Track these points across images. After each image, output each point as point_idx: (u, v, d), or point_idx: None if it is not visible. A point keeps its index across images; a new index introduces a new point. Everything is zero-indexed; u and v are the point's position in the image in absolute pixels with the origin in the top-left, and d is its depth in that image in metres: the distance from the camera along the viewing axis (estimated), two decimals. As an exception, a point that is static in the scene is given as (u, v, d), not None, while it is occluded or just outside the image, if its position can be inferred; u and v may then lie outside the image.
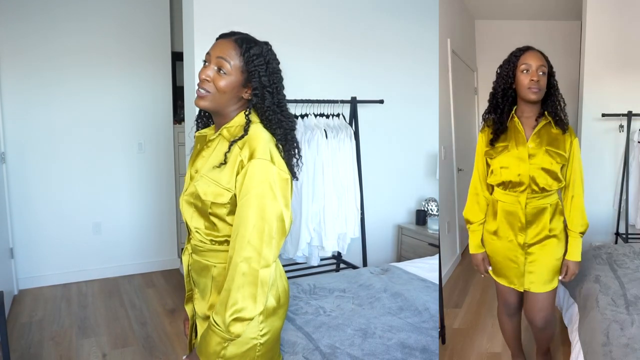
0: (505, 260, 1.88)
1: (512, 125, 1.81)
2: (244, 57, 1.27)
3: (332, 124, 3.16)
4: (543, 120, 1.78)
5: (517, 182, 1.77)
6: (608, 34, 3.49)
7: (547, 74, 1.74)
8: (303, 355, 1.69)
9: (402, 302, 2.18)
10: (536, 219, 1.80)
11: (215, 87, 1.27)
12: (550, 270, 1.83)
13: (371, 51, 3.52)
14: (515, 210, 1.80)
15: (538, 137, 1.77)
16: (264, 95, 1.29)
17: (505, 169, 1.78)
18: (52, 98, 3.79)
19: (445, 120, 3.66)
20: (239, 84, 1.29)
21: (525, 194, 1.77)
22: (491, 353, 2.50)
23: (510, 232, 1.83)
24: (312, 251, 3.14)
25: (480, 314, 2.96)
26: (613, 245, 2.74)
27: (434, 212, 3.78)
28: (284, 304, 1.43)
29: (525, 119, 1.81)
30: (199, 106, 1.30)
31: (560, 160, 1.76)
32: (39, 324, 3.18)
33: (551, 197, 1.81)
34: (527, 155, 1.75)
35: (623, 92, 3.50)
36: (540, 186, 1.76)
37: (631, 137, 3.49)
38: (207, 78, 1.27)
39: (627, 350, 1.60)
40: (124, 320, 3.27)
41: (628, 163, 3.50)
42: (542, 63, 1.73)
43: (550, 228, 1.81)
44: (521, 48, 1.79)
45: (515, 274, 1.86)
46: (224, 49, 1.28)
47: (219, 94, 1.28)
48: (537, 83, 1.71)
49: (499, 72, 1.83)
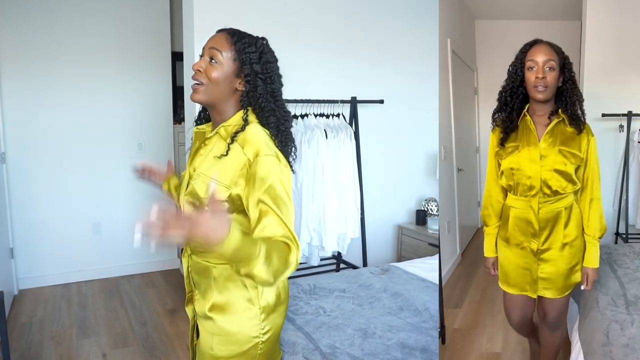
0: (517, 269, 1.78)
1: (523, 124, 1.71)
2: (235, 46, 1.29)
3: (332, 124, 3.16)
4: (556, 118, 1.67)
5: (528, 186, 1.67)
6: (608, 34, 3.49)
7: (557, 68, 1.62)
8: (303, 355, 1.69)
9: (402, 302, 2.18)
10: (550, 224, 1.69)
11: (207, 77, 1.28)
12: (566, 277, 1.74)
13: (371, 51, 3.52)
14: (528, 216, 1.70)
15: (551, 136, 1.66)
16: (256, 82, 1.29)
17: (515, 171, 1.68)
18: (52, 98, 3.79)
19: (445, 120, 3.66)
20: (231, 73, 1.29)
21: (537, 198, 1.67)
22: (491, 353, 2.49)
23: (523, 239, 1.74)
24: (312, 251, 3.14)
25: (480, 314, 2.96)
26: (613, 245, 2.73)
27: (434, 212, 3.78)
28: (284, 300, 1.43)
29: (538, 117, 1.70)
30: (193, 100, 1.31)
31: (575, 160, 1.65)
32: (39, 324, 3.18)
33: (565, 200, 1.70)
34: (539, 156, 1.65)
35: (623, 92, 3.50)
36: (553, 189, 1.65)
37: (631, 137, 3.49)
38: (200, 68, 1.29)
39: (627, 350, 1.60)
40: (124, 320, 3.27)
41: (628, 163, 3.50)
42: (550, 57, 1.61)
43: (565, 234, 1.70)
44: (529, 42, 1.68)
45: (528, 281, 1.77)
46: (216, 40, 1.30)
47: (212, 85, 1.28)
48: (543, 80, 1.60)
49: (509, 68, 1.73)
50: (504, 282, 1.85)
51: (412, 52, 3.70)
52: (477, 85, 5.16)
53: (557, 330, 1.89)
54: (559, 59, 1.63)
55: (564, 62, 1.65)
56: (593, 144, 1.69)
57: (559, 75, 1.64)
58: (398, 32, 3.62)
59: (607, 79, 3.51)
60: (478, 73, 5.19)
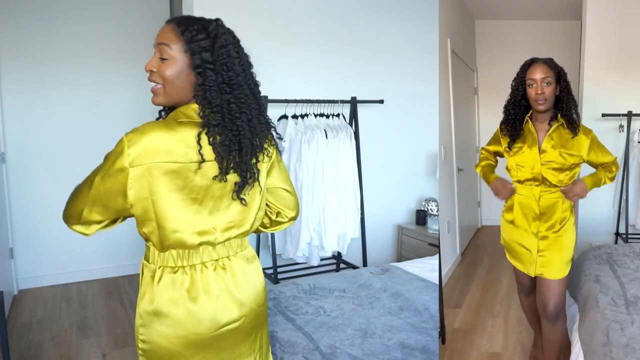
0: (520, 248, 2.00)
1: (527, 129, 1.94)
2: (183, 36, 1.16)
3: (332, 124, 3.16)
4: (555, 123, 1.89)
5: (532, 179, 1.92)
6: (608, 34, 3.49)
7: (553, 82, 1.85)
8: (303, 355, 1.70)
9: (402, 302, 2.18)
10: (549, 211, 1.92)
11: (162, 77, 1.18)
12: (562, 259, 1.93)
13: (371, 51, 3.52)
14: (530, 202, 1.94)
15: (551, 139, 1.89)
16: (205, 72, 1.15)
17: (520, 167, 1.94)
18: (52, 98, 3.79)
19: (445, 120, 3.66)
20: (186, 67, 1.17)
21: (540, 188, 1.91)
22: (491, 353, 2.49)
23: (525, 222, 1.96)
24: (312, 251, 3.14)
25: (480, 314, 2.96)
26: (613, 245, 2.73)
27: (434, 212, 3.78)
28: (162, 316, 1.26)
29: (539, 124, 1.94)
30: (155, 104, 1.21)
31: (574, 160, 1.88)
32: (39, 324, 3.18)
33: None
34: (540, 157, 1.88)
35: (623, 92, 3.50)
36: (553, 183, 1.89)
37: (631, 137, 3.49)
38: (152, 69, 1.19)
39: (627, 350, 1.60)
40: (124, 320, 3.27)
41: (628, 163, 3.50)
42: (546, 74, 1.84)
43: (562, 220, 1.93)
44: (527, 62, 1.91)
45: (529, 260, 1.98)
46: (163, 34, 1.19)
47: (169, 85, 1.18)
48: (542, 95, 1.84)
49: (512, 84, 1.96)
50: (512, 258, 2.09)
51: (412, 52, 3.70)
52: (477, 85, 5.16)
53: (557, 322, 1.97)
54: (554, 73, 1.87)
55: (559, 75, 1.88)
56: (593, 139, 1.92)
57: (556, 86, 1.87)
58: (398, 32, 3.62)
59: (607, 79, 3.51)
60: (478, 73, 5.19)
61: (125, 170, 1.11)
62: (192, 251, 1.23)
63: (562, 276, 1.93)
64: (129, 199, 1.14)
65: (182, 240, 1.19)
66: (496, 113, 2.16)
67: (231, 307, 1.27)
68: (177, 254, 1.22)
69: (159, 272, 1.23)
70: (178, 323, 1.21)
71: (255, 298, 1.34)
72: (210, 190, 1.21)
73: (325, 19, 3.32)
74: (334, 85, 3.36)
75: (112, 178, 1.13)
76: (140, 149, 1.11)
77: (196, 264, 1.24)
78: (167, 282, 1.22)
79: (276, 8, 3.12)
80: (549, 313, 1.96)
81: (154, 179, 1.13)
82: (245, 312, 1.30)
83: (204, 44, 1.16)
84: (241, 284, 1.30)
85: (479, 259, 4.10)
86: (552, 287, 1.94)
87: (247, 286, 1.31)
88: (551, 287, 1.94)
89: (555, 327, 1.98)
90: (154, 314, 1.21)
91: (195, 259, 1.24)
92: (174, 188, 1.15)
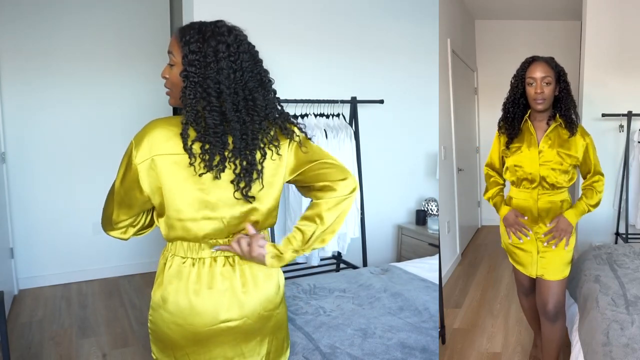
0: (520, 251, 2.01)
1: (525, 128, 1.93)
2: (181, 42, 1.21)
3: (332, 124, 3.16)
4: (554, 123, 1.89)
5: (530, 180, 1.90)
6: (608, 34, 3.49)
7: (553, 82, 1.83)
8: (303, 355, 1.70)
9: (402, 302, 2.18)
10: (548, 214, 1.91)
11: (171, 82, 1.26)
12: (562, 260, 1.93)
13: (371, 51, 3.52)
14: (528, 204, 1.93)
15: (549, 139, 1.88)
16: (187, 75, 1.17)
17: (518, 168, 1.92)
18: (52, 98, 3.79)
19: (445, 120, 3.66)
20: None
21: (537, 190, 1.90)
22: (491, 353, 2.50)
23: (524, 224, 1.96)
24: (312, 251, 3.14)
25: (480, 314, 2.96)
26: (613, 245, 2.74)
27: (434, 212, 3.78)
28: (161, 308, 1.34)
29: (538, 123, 1.93)
30: (170, 105, 1.31)
31: (571, 160, 1.87)
32: (39, 324, 3.18)
33: (562, 194, 1.92)
34: (538, 157, 1.87)
35: (623, 92, 3.50)
36: (550, 183, 1.88)
37: (631, 137, 3.49)
38: (165, 75, 1.27)
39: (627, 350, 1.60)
40: (124, 320, 3.27)
41: (628, 163, 3.50)
42: (546, 74, 1.82)
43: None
44: (528, 60, 1.89)
45: (530, 262, 1.98)
46: (170, 41, 1.27)
47: (175, 88, 1.25)
48: (541, 94, 1.82)
49: (512, 81, 1.94)
50: (513, 260, 2.09)
51: (412, 52, 3.70)
52: (477, 85, 5.16)
53: (556, 322, 1.97)
54: (555, 73, 1.85)
55: (559, 75, 1.86)
56: (590, 143, 1.91)
57: (555, 86, 1.86)
58: (398, 32, 3.62)
59: (607, 79, 3.51)
60: (478, 73, 5.19)
61: (135, 169, 1.19)
62: (202, 244, 1.27)
63: (563, 277, 1.94)
64: (145, 192, 1.21)
65: (187, 228, 1.23)
66: (496, 113, 2.15)
67: (233, 305, 1.27)
68: (187, 246, 1.27)
69: (170, 260, 1.29)
70: (178, 312, 1.25)
71: (263, 302, 1.32)
72: (217, 183, 1.22)
73: (325, 19, 3.32)
74: (334, 85, 3.36)
75: (127, 179, 1.22)
76: (144, 145, 1.18)
77: (205, 257, 1.27)
78: (175, 271, 1.27)
79: (276, 8, 3.12)
80: (549, 313, 1.96)
81: (160, 169, 1.19)
82: (247, 313, 1.30)
83: (193, 47, 1.19)
84: (248, 285, 1.30)
85: (479, 259, 4.10)
86: (551, 287, 1.94)
87: (254, 289, 1.31)
88: (551, 287, 1.94)
89: (555, 326, 1.98)
90: (162, 300, 1.27)
91: (205, 252, 1.27)
92: (180, 179, 1.20)
